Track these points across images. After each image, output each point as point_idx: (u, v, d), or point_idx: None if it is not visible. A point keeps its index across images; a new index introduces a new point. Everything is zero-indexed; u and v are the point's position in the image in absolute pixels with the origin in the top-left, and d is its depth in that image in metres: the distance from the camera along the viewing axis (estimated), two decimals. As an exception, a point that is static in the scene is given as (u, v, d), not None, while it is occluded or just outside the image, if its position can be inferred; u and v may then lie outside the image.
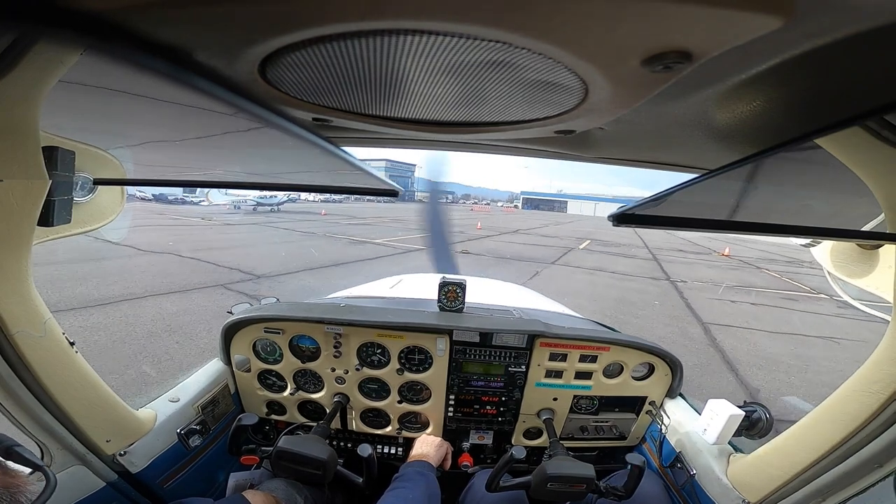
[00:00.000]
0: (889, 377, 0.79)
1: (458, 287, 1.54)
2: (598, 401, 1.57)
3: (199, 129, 0.73)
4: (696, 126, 0.66)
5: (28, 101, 0.58)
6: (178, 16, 0.34)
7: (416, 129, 0.71)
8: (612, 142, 0.83)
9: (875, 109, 0.43)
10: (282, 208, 27.63)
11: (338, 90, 0.54)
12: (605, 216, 0.68)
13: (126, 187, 1.08)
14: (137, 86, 0.51)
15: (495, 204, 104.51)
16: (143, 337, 4.65)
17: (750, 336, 6.38)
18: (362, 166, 0.64)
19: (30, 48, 0.49)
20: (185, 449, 1.25)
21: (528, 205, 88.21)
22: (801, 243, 1.02)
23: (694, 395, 1.55)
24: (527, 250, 15.05)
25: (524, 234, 22.42)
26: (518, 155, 1.01)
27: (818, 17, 0.33)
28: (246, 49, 0.41)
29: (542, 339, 1.45)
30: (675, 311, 7.62)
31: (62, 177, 0.76)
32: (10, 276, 0.73)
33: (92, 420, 0.95)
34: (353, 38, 0.38)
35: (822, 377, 4.95)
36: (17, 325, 0.75)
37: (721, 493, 1.14)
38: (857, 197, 0.74)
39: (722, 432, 1.13)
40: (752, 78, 0.46)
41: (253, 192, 21.72)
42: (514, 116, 0.63)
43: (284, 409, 1.61)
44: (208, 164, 1.15)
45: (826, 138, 0.60)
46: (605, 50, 0.38)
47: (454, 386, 1.53)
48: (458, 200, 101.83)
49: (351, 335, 1.47)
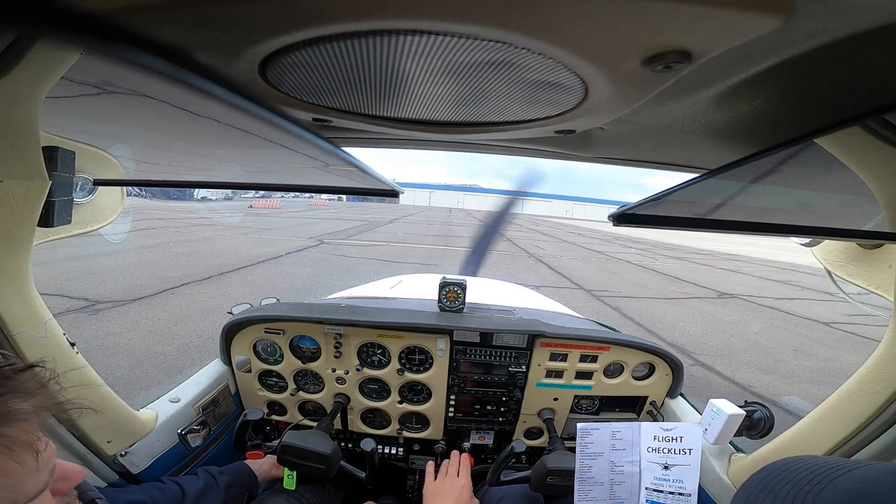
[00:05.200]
0: (890, 377, 0.79)
1: (458, 287, 1.54)
2: (598, 401, 1.57)
3: (198, 129, 0.72)
4: (696, 126, 0.66)
5: (28, 100, 0.58)
6: (177, 16, 0.34)
7: (416, 129, 0.71)
8: (612, 142, 0.83)
9: (875, 109, 0.43)
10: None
11: (338, 90, 0.54)
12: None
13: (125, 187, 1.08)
14: (137, 86, 0.51)
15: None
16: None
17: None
18: (362, 166, 0.64)
19: (30, 48, 0.49)
20: (185, 449, 1.25)
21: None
22: (801, 243, 1.02)
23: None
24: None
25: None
26: (518, 155, 1.01)
27: (818, 17, 0.33)
28: (246, 49, 0.41)
29: (543, 339, 1.45)
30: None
31: (62, 177, 0.76)
32: (11, 276, 0.73)
33: (92, 420, 0.95)
34: (353, 38, 0.38)
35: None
36: (17, 325, 0.75)
37: (722, 492, 1.14)
38: (856, 196, 0.74)
39: (722, 432, 1.13)
40: (752, 78, 0.46)
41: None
42: (514, 116, 0.63)
43: (285, 410, 1.61)
44: (208, 164, 1.15)
45: (826, 138, 0.60)
46: (605, 50, 0.38)
47: (455, 386, 1.53)
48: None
49: (351, 335, 1.47)
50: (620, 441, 1.13)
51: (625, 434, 1.13)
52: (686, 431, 1.09)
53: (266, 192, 20.97)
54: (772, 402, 4.37)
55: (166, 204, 25.80)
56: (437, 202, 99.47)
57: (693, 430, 1.09)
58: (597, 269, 12.75)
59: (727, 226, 0.65)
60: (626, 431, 1.13)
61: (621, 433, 1.13)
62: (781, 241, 7.20)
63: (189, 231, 14.00)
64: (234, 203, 36.35)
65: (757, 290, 10.82)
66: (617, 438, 1.13)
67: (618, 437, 1.13)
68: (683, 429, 1.10)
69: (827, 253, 0.98)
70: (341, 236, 16.21)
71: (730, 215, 0.81)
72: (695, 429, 1.09)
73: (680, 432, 1.09)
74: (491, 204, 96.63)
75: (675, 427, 1.11)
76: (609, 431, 1.14)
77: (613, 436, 1.14)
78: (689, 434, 1.08)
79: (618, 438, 1.13)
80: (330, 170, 0.80)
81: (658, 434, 1.11)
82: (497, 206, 6.56)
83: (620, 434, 1.13)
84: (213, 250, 10.57)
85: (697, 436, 1.08)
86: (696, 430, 1.08)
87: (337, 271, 9.03)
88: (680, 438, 1.08)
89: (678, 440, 1.09)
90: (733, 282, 12.09)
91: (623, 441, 1.13)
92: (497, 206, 6.56)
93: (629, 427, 1.14)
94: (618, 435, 1.13)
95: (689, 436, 1.08)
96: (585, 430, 1.14)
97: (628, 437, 1.13)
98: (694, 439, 1.07)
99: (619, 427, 1.14)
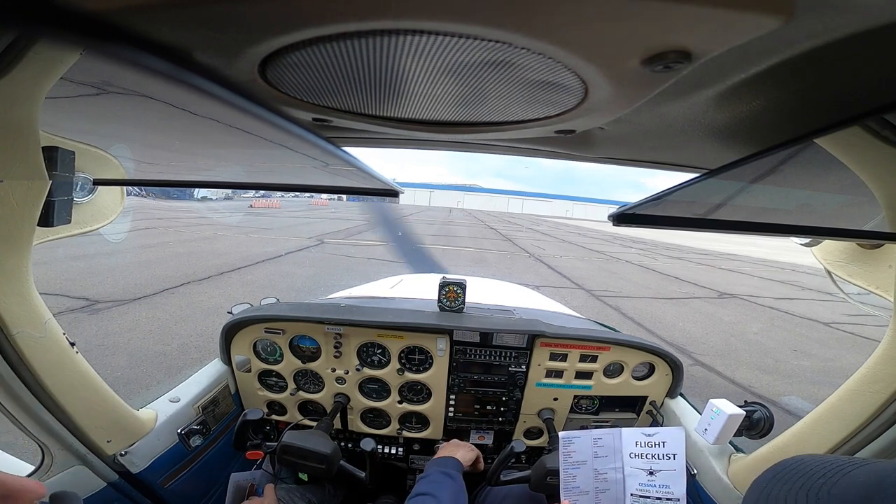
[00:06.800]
0: (890, 377, 0.79)
1: (458, 287, 1.54)
2: (598, 401, 1.57)
3: (198, 129, 0.72)
4: (696, 126, 0.66)
5: (28, 100, 0.58)
6: (177, 16, 0.34)
7: (416, 129, 0.71)
8: (612, 142, 0.83)
9: (875, 109, 0.43)
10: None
11: (338, 90, 0.54)
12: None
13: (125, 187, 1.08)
14: (137, 86, 0.50)
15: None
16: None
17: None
18: (363, 166, 0.64)
19: (30, 48, 0.49)
20: (185, 449, 1.25)
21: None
22: (801, 243, 1.01)
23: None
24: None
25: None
26: (518, 155, 1.01)
27: (818, 16, 0.33)
28: (246, 49, 0.41)
29: (543, 339, 1.45)
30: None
31: (62, 177, 0.76)
32: (11, 276, 0.73)
33: (93, 420, 0.95)
34: (353, 38, 0.38)
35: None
36: (17, 325, 0.75)
37: (722, 492, 1.14)
38: (856, 196, 0.74)
39: (722, 432, 1.13)
40: (752, 78, 0.46)
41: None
42: (515, 116, 0.63)
43: (285, 410, 1.61)
44: (208, 164, 1.14)
45: (826, 138, 0.60)
46: (605, 50, 0.38)
47: (454, 386, 1.53)
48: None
49: (351, 335, 1.47)
50: (602, 448, 1.12)
51: (606, 441, 1.12)
52: (669, 436, 1.07)
53: (266, 192, 21.05)
54: (772, 402, 4.38)
55: (166, 203, 25.83)
56: (437, 202, 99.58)
57: (676, 435, 1.07)
58: (597, 268, 12.77)
59: (727, 226, 0.65)
60: (607, 438, 1.12)
61: (603, 440, 1.12)
62: (781, 242, 7.27)
63: (189, 231, 13.99)
64: (234, 203, 36.39)
65: (757, 290, 10.82)
66: (599, 446, 1.12)
67: (599, 445, 1.12)
68: (666, 433, 1.08)
69: (827, 253, 0.98)
70: (341, 236, 16.21)
71: (730, 215, 0.81)
72: (677, 433, 1.07)
73: (663, 437, 1.08)
74: (492, 204, 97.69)
75: (658, 432, 1.09)
76: (591, 439, 1.12)
77: (595, 443, 1.12)
78: (673, 439, 1.06)
79: (599, 446, 1.12)
80: (330, 170, 0.80)
81: (640, 440, 1.09)
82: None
83: (602, 441, 1.12)
84: (213, 250, 10.56)
85: (680, 440, 1.06)
86: (679, 435, 1.06)
87: (337, 271, 9.03)
88: (663, 444, 1.07)
89: (661, 445, 1.07)
90: (733, 282, 12.09)
91: (605, 448, 1.12)
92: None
93: (610, 433, 1.12)
94: (599, 442, 1.12)
95: (672, 441, 1.06)
96: (567, 438, 1.13)
97: (610, 444, 1.12)
98: (677, 444, 1.06)
99: (601, 434, 1.13)
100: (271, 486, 1.22)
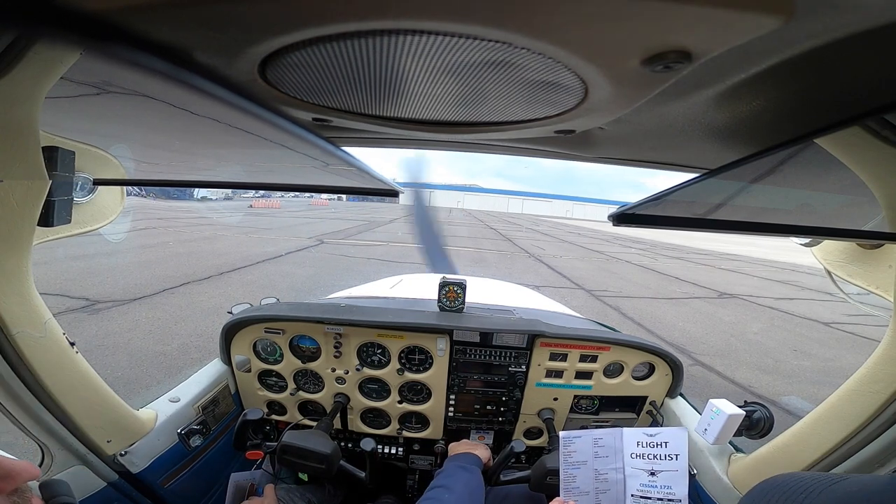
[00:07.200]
0: (890, 377, 0.79)
1: (458, 287, 1.54)
2: (598, 401, 1.57)
3: (198, 129, 0.72)
4: (696, 126, 0.66)
5: (28, 100, 0.58)
6: (177, 16, 0.34)
7: (416, 128, 0.71)
8: (612, 142, 0.83)
9: (875, 109, 0.43)
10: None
11: (338, 90, 0.54)
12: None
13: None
14: (137, 86, 0.50)
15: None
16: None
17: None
18: (363, 166, 0.64)
19: (30, 48, 0.49)
20: (185, 449, 1.25)
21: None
22: (801, 243, 1.01)
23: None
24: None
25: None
26: (518, 155, 1.01)
27: (818, 16, 0.33)
28: (246, 49, 0.41)
29: (543, 339, 1.45)
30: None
31: (62, 177, 0.76)
32: (11, 276, 0.73)
33: (92, 420, 0.95)
34: (353, 38, 0.38)
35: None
36: (17, 325, 0.75)
37: (721, 492, 1.14)
38: (856, 196, 0.74)
39: (722, 432, 1.13)
40: (752, 78, 0.46)
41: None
42: (514, 116, 0.63)
43: (285, 410, 1.61)
44: (208, 164, 1.14)
45: (826, 138, 0.60)
46: (605, 50, 0.38)
47: (454, 386, 1.53)
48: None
49: (351, 335, 1.47)
50: (603, 448, 1.10)
51: (607, 441, 1.11)
52: (671, 436, 1.05)
53: (266, 192, 21.04)
54: (771, 402, 4.38)
55: (166, 203, 25.86)
56: (437, 202, 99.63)
57: (678, 435, 1.05)
58: (597, 268, 12.78)
59: (727, 226, 0.65)
60: (608, 438, 1.11)
61: (603, 440, 1.11)
62: (781, 242, 7.26)
63: (189, 231, 13.98)
64: (234, 203, 36.43)
65: (757, 290, 10.82)
66: (599, 446, 1.11)
67: (600, 445, 1.11)
68: (668, 434, 1.06)
69: (827, 253, 0.98)
70: (341, 236, 16.21)
71: (730, 215, 0.81)
72: (680, 434, 1.05)
73: (665, 437, 1.06)
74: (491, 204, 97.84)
75: (660, 432, 1.07)
76: (591, 439, 1.11)
77: (596, 443, 1.11)
78: (675, 439, 1.05)
79: (600, 446, 1.11)
80: (330, 169, 0.80)
81: (641, 440, 1.08)
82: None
83: (603, 441, 1.11)
84: (213, 250, 10.56)
85: (683, 441, 1.04)
86: (682, 436, 1.05)
87: (337, 271, 9.03)
88: (665, 444, 1.05)
89: (663, 445, 1.05)
90: (733, 282, 12.09)
91: (606, 448, 1.10)
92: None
93: (611, 433, 1.11)
94: (600, 442, 1.11)
95: (674, 441, 1.05)
96: (567, 438, 1.12)
97: (611, 444, 1.10)
98: (679, 444, 1.04)
99: (602, 434, 1.11)
100: (271, 486, 1.22)
